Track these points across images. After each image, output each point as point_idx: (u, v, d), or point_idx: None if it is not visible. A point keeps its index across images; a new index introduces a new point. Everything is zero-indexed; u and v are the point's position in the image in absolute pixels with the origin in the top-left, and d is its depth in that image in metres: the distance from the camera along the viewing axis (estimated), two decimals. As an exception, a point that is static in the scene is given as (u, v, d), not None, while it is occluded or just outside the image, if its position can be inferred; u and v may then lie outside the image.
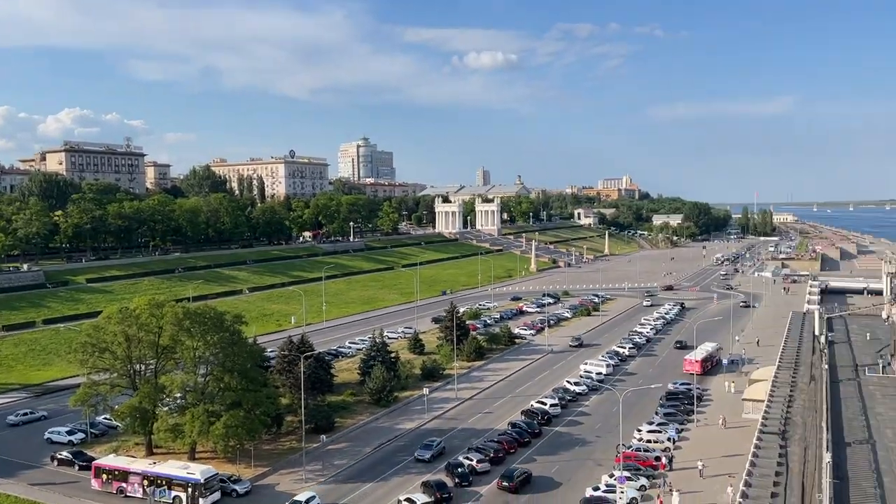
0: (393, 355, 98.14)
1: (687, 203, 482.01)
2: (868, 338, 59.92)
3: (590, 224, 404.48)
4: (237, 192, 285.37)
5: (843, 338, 61.84)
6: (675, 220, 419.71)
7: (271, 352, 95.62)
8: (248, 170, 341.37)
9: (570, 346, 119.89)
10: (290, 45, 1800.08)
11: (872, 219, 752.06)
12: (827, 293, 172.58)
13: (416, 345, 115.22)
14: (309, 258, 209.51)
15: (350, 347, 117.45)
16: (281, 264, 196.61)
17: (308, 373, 77.41)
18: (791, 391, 46.09)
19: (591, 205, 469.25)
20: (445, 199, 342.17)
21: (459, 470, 64.44)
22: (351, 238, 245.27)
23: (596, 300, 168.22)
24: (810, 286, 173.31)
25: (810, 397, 43.63)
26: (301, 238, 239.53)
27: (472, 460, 66.57)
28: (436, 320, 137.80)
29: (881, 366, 50.22)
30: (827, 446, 32.67)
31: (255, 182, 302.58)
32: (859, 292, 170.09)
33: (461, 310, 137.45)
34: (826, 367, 47.95)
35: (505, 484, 61.85)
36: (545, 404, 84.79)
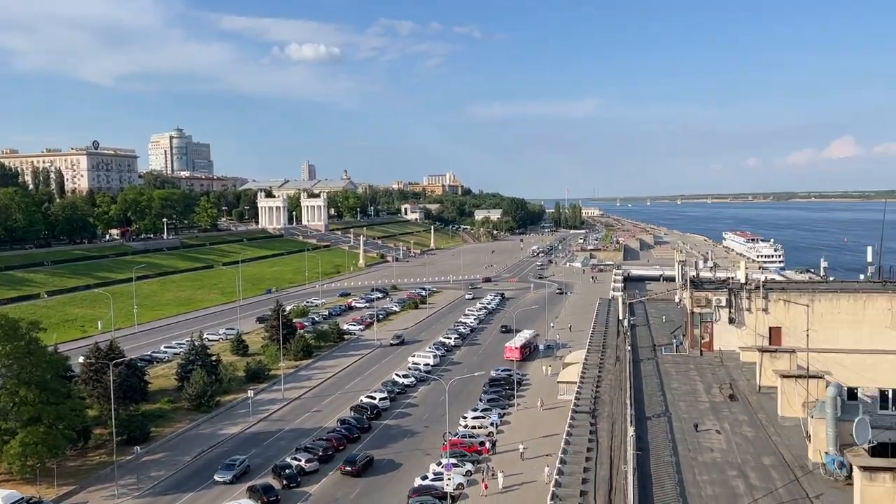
0: (214, 358, 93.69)
1: (506, 199, 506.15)
2: (664, 320, 66.17)
3: (416, 219, 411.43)
4: (32, 186, 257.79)
5: (643, 321, 67.80)
6: (495, 214, 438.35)
7: (76, 360, 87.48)
8: (44, 162, 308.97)
9: (392, 343, 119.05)
10: (91, 26, 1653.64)
11: (666, 212, 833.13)
12: (629, 280, 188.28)
13: (240, 346, 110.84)
14: (117, 258, 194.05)
15: (166, 352, 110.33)
16: (85, 265, 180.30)
17: (118, 381, 71.69)
18: (599, 372, 49.95)
19: (418, 200, 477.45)
20: (269, 194, 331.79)
21: (287, 471, 62.94)
22: (165, 235, 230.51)
23: (423, 293, 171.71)
24: (615, 275, 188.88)
25: (616, 377, 47.44)
26: (108, 236, 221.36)
27: (300, 460, 65.28)
28: (260, 320, 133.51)
29: (675, 345, 55.58)
30: (631, 421, 35.59)
31: (52, 175, 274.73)
32: (656, 279, 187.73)
33: (288, 308, 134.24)
34: (629, 348, 52.28)
35: (348, 468, 63.11)
36: (374, 398, 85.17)
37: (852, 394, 48.57)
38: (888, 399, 48.57)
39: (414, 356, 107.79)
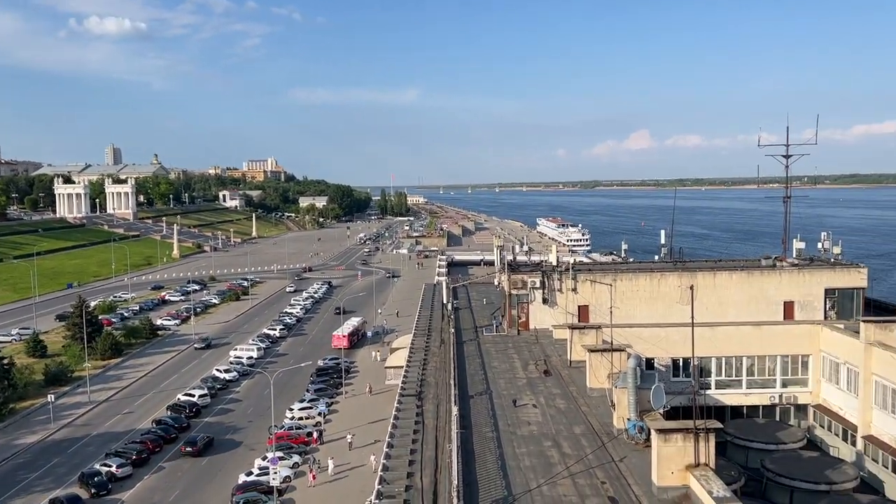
0: (6, 361, 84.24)
1: (331, 186, 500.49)
2: (485, 302, 68.86)
3: (236, 206, 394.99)
4: None
5: (465, 304, 70.16)
6: (320, 202, 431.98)
7: None
8: None
9: (196, 348, 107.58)
10: None
11: (486, 200, 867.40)
12: (453, 266, 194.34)
13: (37, 347, 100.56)
14: None
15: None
16: None
17: None
18: (425, 356, 51.06)
19: (237, 187, 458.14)
20: (68, 180, 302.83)
21: (96, 479, 58.19)
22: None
23: (245, 284, 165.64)
24: (439, 260, 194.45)
25: (441, 359, 48.70)
26: None
27: (110, 466, 60.64)
28: (61, 317, 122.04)
29: (495, 325, 57.99)
30: (455, 401, 36.73)
31: None
32: (478, 263, 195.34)
33: (92, 304, 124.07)
34: (453, 330, 53.89)
35: (188, 449, 65.16)
36: (193, 396, 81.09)
37: (650, 364, 53.67)
38: (679, 367, 54.31)
39: (236, 349, 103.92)
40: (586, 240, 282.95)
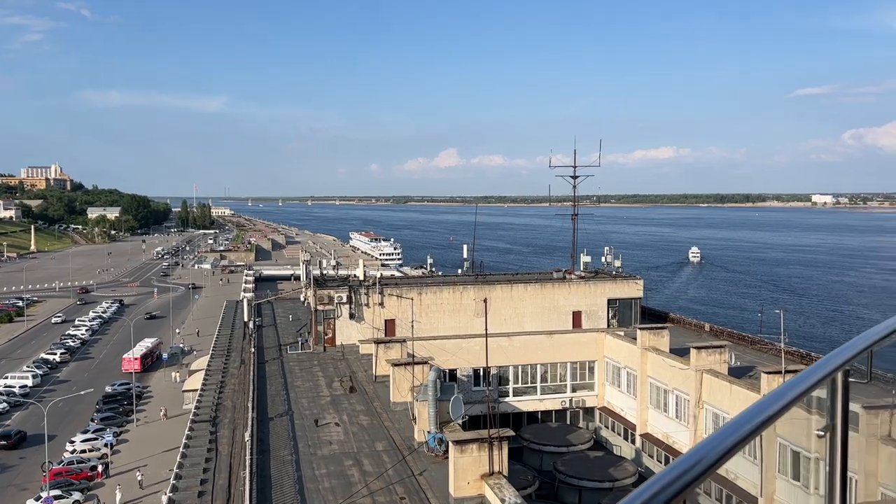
0: None
1: (125, 195, 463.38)
2: (290, 319, 66.94)
3: (11, 217, 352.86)
4: None
5: (270, 321, 67.75)
6: (112, 213, 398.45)
7: None
8: None
9: None
10: None
11: (298, 213, 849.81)
12: (261, 281, 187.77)
13: None
14: None
15: None
16: None
17: None
18: (223, 377, 48.35)
19: (13, 195, 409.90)
20: None
21: None
22: None
23: (20, 304, 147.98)
24: (245, 275, 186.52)
25: (240, 381, 46.39)
26: None
27: None
28: None
29: (300, 343, 56.48)
30: (252, 424, 35.02)
31: None
32: (288, 278, 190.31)
33: None
34: (254, 350, 51.72)
35: (3, 443, 64.71)
36: (-46, 431, 70.60)
37: (454, 375, 55.12)
38: (480, 377, 56.32)
39: (6, 378, 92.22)
40: (398, 254, 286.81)
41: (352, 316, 55.96)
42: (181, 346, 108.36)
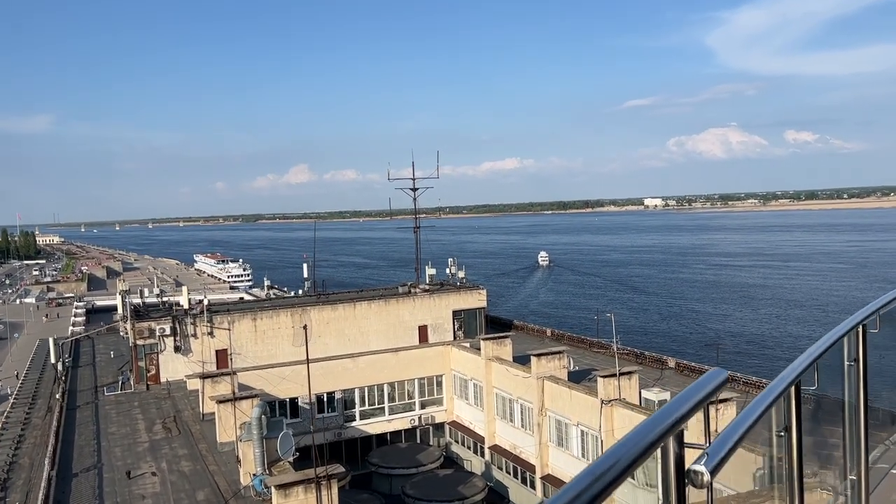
0: None
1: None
2: (112, 356, 60.63)
3: None
4: None
5: (89, 360, 61.02)
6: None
7: None
8: None
9: None
10: None
11: (138, 237, 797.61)
12: (94, 312, 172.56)
13: None
14: None
15: None
16: None
17: None
18: (22, 430, 42.29)
19: None
20: None
21: None
22: None
23: None
24: (76, 307, 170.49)
25: (43, 432, 40.71)
26: None
27: None
28: None
29: (120, 382, 51.02)
30: (49, 484, 30.38)
31: None
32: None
33: None
34: (60, 395, 45.96)
35: None
36: None
37: (294, 404, 51.94)
38: (324, 403, 53.51)
39: None
40: (248, 275, 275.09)
41: (177, 349, 51.17)
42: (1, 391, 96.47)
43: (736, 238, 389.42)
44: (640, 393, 40.69)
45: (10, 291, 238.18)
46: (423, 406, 56.28)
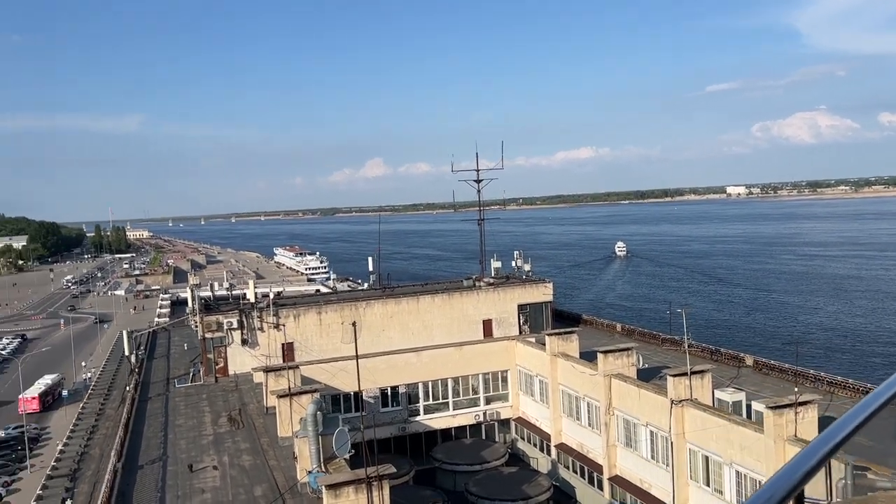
0: None
1: (33, 223, 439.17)
2: (186, 348, 62.24)
3: None
4: None
5: (164, 352, 62.88)
6: (19, 242, 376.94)
7: None
8: None
9: None
10: None
11: (221, 231, 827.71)
12: (178, 304, 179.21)
13: None
14: None
15: None
16: None
17: None
18: (96, 421, 43.74)
19: None
20: None
21: None
22: None
23: None
24: (161, 299, 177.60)
25: (115, 423, 41.96)
26: None
27: None
28: None
29: (191, 374, 52.19)
30: (114, 476, 31.05)
31: None
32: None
33: None
34: (131, 386, 47.33)
35: None
36: None
37: (357, 399, 51.86)
38: (388, 397, 53.25)
39: None
40: (325, 267, 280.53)
41: (244, 342, 51.97)
42: (88, 380, 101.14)
43: (826, 227, 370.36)
44: (713, 393, 38.46)
45: (101, 284, 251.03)
46: (487, 402, 55.29)
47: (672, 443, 37.29)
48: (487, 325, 58.60)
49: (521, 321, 59.52)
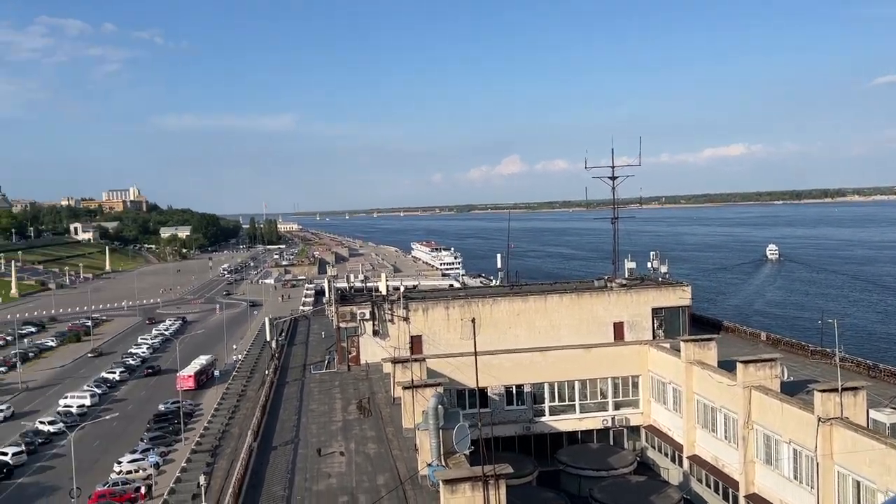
0: None
1: (196, 215, 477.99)
2: (323, 336, 65.12)
3: (90, 239, 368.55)
4: None
5: (303, 339, 66.15)
6: (183, 232, 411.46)
7: None
8: None
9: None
10: None
11: (364, 225, 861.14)
12: (321, 294, 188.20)
13: None
14: None
15: None
16: None
17: None
18: (238, 401, 46.70)
19: (92, 218, 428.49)
20: None
21: None
22: None
23: (88, 323, 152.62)
24: (306, 289, 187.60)
25: (254, 405, 44.59)
26: None
27: None
28: None
29: (326, 361, 54.48)
30: (250, 455, 32.94)
31: None
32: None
33: None
34: (272, 370, 50.03)
35: None
36: (6, 454, 71.73)
37: (483, 393, 51.90)
38: (513, 395, 52.91)
39: (66, 397, 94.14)
40: (459, 263, 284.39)
41: (376, 333, 53.56)
42: (237, 363, 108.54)
43: None
44: (867, 413, 34.97)
45: (254, 273, 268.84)
46: (616, 407, 53.57)
47: (818, 464, 34.31)
48: (618, 328, 56.75)
49: (655, 325, 57.13)
